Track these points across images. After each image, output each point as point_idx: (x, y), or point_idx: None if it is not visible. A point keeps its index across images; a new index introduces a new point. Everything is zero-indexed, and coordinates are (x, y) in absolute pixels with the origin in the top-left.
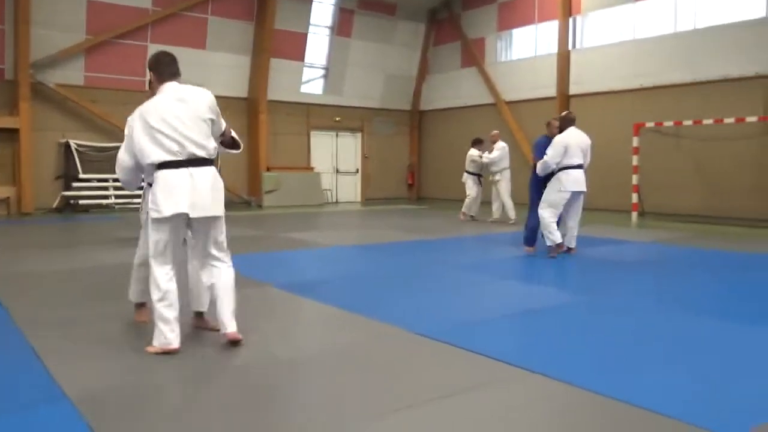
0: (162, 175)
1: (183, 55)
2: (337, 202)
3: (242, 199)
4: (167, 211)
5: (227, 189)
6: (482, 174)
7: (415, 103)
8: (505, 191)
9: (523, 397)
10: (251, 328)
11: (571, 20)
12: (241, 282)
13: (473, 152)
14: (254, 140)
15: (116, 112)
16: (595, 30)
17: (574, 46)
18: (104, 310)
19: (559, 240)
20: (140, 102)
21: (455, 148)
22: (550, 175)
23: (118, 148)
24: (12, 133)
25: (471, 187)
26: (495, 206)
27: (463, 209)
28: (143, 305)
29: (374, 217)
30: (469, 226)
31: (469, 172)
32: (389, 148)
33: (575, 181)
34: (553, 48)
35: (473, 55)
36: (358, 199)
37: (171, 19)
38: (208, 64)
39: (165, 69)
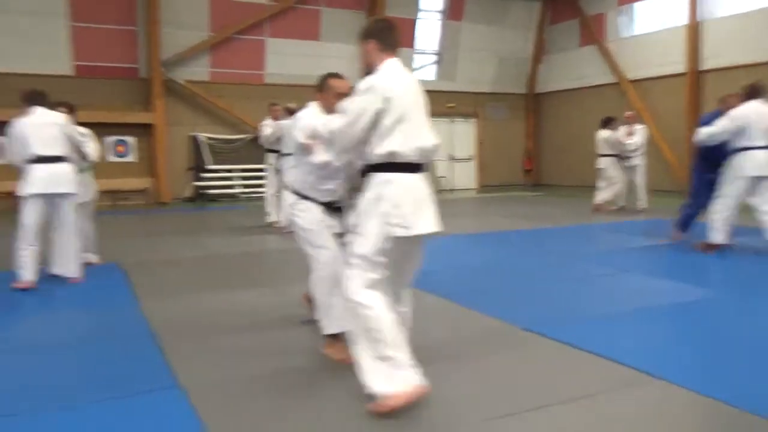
0: (400, 180)
1: (298, 47)
2: (453, 189)
3: None
4: (418, 229)
5: None
6: (619, 154)
7: (531, 86)
8: (641, 177)
9: (643, 406)
10: None
11: None
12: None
13: (607, 133)
14: None
15: (239, 105)
16: None
17: (706, 15)
18: (229, 300)
19: (716, 242)
20: (261, 95)
21: (575, 131)
22: (719, 161)
23: (241, 140)
24: (147, 128)
25: (614, 174)
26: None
27: (609, 198)
28: (338, 337)
29: (491, 205)
30: (591, 214)
31: (607, 155)
32: (504, 133)
33: (756, 163)
34: (683, 19)
35: (592, 33)
36: (474, 185)
37: (286, 13)
38: (322, 55)
39: (390, 39)
